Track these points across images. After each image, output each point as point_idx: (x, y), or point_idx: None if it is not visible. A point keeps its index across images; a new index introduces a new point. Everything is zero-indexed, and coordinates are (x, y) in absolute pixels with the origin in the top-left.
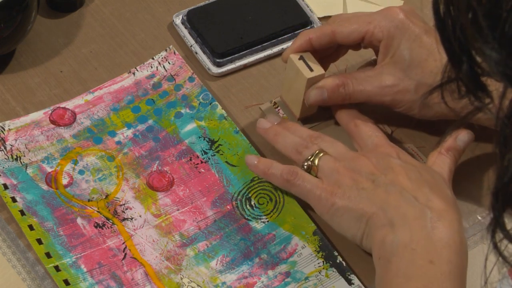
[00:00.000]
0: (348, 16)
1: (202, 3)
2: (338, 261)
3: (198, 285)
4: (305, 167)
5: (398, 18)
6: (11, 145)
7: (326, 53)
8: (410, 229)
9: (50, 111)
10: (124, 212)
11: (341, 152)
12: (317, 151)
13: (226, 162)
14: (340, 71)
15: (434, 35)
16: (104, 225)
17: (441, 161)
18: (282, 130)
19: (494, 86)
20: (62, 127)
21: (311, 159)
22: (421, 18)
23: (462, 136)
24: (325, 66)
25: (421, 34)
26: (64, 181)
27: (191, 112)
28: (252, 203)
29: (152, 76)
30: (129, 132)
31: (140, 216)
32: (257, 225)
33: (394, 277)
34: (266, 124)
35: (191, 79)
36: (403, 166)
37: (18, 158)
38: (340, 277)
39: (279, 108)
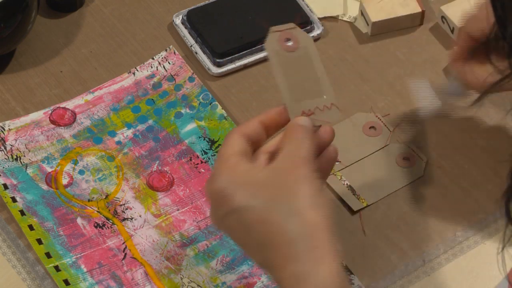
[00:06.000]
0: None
1: (202, 3)
2: None
3: (198, 285)
4: None
5: None
6: (11, 145)
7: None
8: None
9: (50, 111)
10: (124, 212)
11: None
12: None
13: None
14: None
15: None
16: (104, 225)
17: None
18: None
19: None
20: (62, 127)
21: None
22: None
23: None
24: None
25: None
26: (64, 181)
27: (191, 112)
28: None
29: (152, 76)
30: (129, 132)
31: (140, 216)
32: None
33: None
34: None
35: (191, 79)
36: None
37: (18, 158)
38: None
39: None
